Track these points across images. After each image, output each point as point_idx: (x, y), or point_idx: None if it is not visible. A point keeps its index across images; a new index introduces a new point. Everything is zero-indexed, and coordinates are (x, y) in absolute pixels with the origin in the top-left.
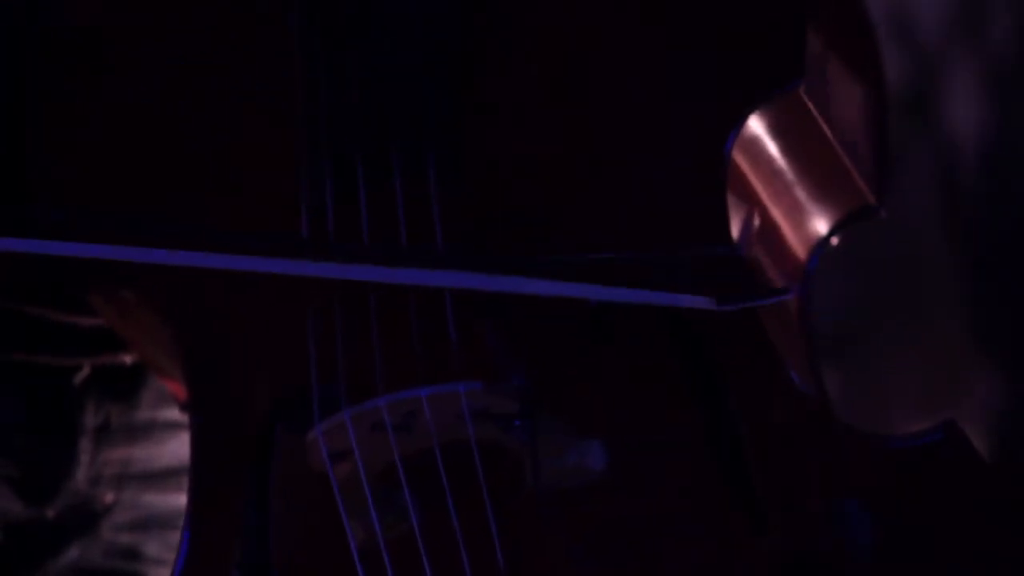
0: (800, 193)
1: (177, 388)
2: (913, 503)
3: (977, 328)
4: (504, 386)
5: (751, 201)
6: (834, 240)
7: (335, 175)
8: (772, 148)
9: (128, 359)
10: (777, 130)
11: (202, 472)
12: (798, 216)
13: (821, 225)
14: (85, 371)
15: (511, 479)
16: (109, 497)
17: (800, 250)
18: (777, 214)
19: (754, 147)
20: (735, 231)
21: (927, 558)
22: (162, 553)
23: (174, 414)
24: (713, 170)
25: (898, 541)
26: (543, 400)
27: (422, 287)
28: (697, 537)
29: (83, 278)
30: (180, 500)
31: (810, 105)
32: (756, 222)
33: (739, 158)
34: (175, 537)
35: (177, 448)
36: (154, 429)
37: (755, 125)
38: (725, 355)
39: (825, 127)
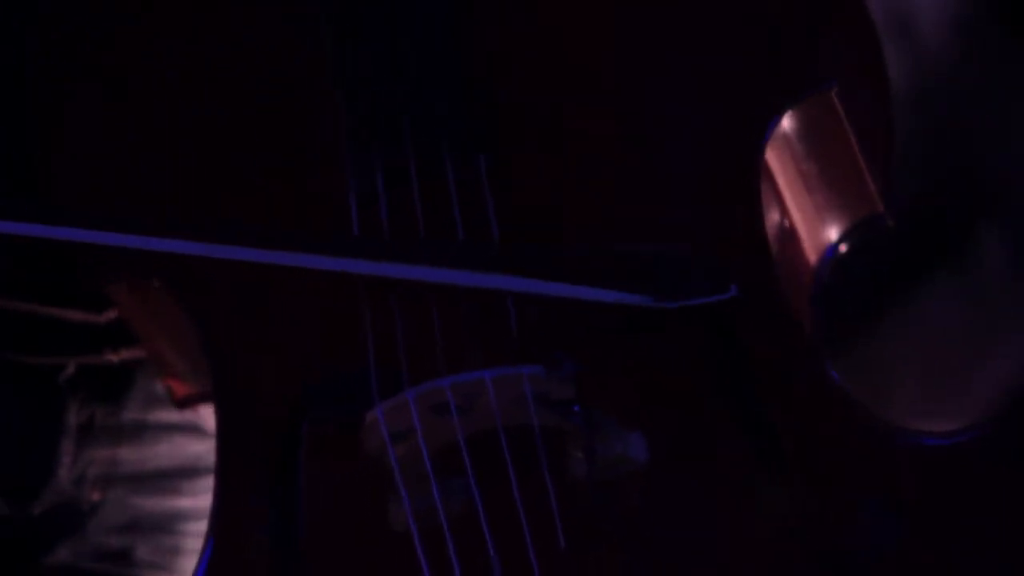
0: (819, 197)
1: (178, 385)
2: (943, 501)
3: (976, 326)
4: (563, 372)
5: (776, 202)
6: (843, 247)
7: (385, 162)
8: (800, 149)
9: (115, 358)
10: (807, 131)
11: (227, 463)
12: (814, 220)
13: (832, 231)
14: (70, 370)
15: (564, 464)
16: (95, 496)
17: (812, 254)
18: (796, 216)
19: (784, 146)
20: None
21: (953, 555)
22: (153, 556)
23: (164, 416)
24: (748, 166)
25: (925, 539)
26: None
27: (475, 288)
28: (733, 529)
29: (117, 266)
30: (172, 503)
31: (840, 109)
32: (785, 223)
33: (770, 156)
34: (167, 540)
35: (168, 451)
36: (143, 431)
37: (787, 124)
38: (762, 352)
39: (850, 132)
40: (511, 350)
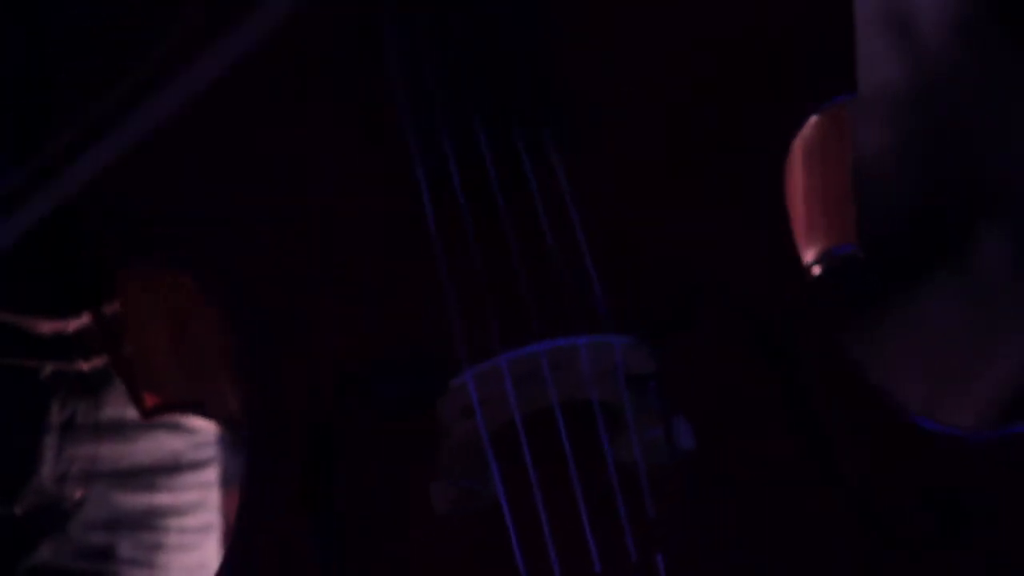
0: (814, 207)
1: (149, 395)
2: (988, 496)
3: (976, 326)
4: (648, 345)
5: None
6: (816, 269)
7: (454, 139)
8: (816, 159)
9: (86, 367)
10: (820, 142)
11: (258, 472)
12: (800, 235)
13: (810, 253)
14: (47, 370)
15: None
16: (77, 494)
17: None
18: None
19: (798, 154)
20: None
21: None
22: (135, 553)
23: None
24: (777, 166)
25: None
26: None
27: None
28: (773, 524)
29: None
30: (151, 500)
31: (848, 127)
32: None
33: (793, 160)
34: (148, 537)
35: (147, 447)
36: (122, 428)
37: (808, 132)
38: (808, 350)
39: (850, 152)
40: (594, 320)
